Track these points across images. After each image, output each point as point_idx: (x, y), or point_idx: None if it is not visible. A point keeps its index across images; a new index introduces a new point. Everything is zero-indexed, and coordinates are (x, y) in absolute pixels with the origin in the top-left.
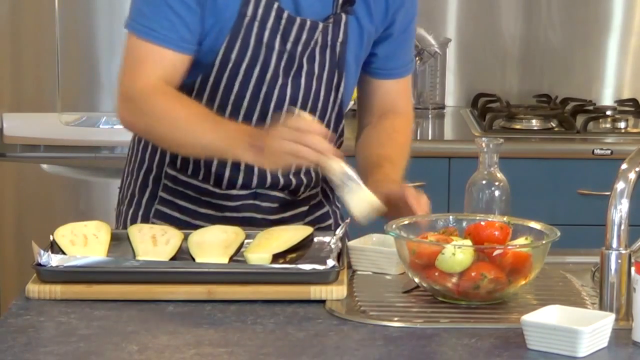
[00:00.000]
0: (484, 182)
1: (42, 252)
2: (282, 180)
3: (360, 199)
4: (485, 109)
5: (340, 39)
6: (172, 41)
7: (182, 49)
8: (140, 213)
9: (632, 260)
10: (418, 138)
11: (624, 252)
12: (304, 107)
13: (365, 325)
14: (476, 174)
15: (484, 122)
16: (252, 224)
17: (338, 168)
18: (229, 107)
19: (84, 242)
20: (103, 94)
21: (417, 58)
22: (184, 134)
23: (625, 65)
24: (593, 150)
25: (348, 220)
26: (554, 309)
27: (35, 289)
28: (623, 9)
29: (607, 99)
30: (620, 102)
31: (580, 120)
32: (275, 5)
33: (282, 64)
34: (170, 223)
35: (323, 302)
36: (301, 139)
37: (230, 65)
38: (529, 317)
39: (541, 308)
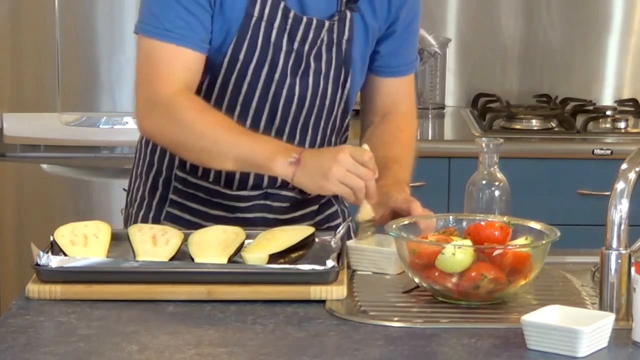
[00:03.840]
0: (484, 182)
1: (41, 253)
2: None
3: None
4: (485, 109)
5: (346, 37)
6: (189, 40)
7: (199, 48)
8: (151, 216)
9: (632, 260)
10: (418, 138)
11: (624, 252)
12: (311, 105)
13: (365, 325)
14: (476, 174)
15: (484, 122)
16: (263, 225)
17: (366, 213)
18: (238, 108)
19: (84, 242)
20: (103, 94)
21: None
22: (213, 144)
23: (625, 65)
24: (593, 150)
25: (349, 220)
26: (554, 309)
27: (35, 289)
28: (623, 9)
29: (607, 99)
30: (620, 102)
31: (580, 120)
32: (282, 5)
33: (290, 63)
34: (182, 225)
35: (323, 302)
36: (361, 175)
37: (238, 65)
38: (529, 317)
39: (541, 308)
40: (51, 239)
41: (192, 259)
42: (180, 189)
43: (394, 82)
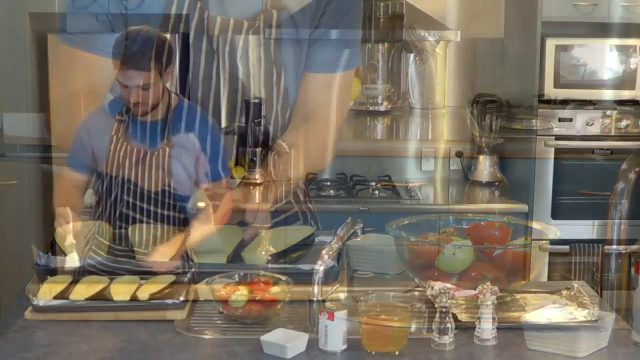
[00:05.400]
0: (484, 182)
1: (41, 254)
2: None
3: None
4: (485, 109)
5: (273, 36)
6: (91, 45)
7: (102, 52)
8: (106, 215)
9: (632, 260)
10: (418, 138)
11: (624, 252)
12: (247, 106)
13: (365, 325)
14: (476, 174)
15: (484, 122)
16: None
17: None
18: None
19: (84, 242)
20: None
21: (417, 58)
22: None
23: (626, 65)
24: (593, 150)
25: (349, 220)
26: (554, 309)
27: (35, 289)
28: (623, 9)
29: (607, 99)
30: (620, 102)
31: (580, 120)
32: (199, 5)
33: (214, 64)
34: (133, 224)
35: (322, 302)
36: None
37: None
38: (529, 317)
39: (541, 308)
40: (51, 239)
41: (192, 259)
42: (132, 189)
43: (310, 78)
